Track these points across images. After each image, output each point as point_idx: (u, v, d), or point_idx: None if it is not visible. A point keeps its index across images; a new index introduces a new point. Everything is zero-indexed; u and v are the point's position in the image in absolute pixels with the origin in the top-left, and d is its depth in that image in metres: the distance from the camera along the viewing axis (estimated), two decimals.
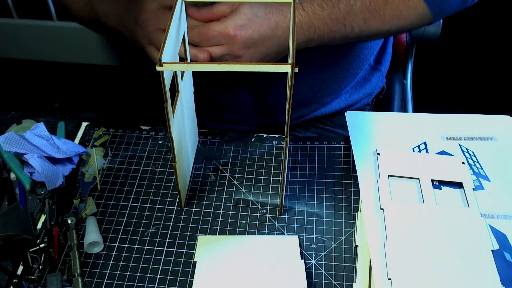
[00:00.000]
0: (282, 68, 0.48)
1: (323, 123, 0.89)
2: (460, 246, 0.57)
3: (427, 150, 0.69)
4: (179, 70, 0.59)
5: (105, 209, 0.67)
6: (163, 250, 0.62)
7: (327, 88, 0.83)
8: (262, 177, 0.70)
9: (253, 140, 0.75)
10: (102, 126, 0.77)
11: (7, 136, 0.66)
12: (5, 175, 0.70)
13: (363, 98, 0.90)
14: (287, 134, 0.55)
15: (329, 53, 0.78)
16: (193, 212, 0.66)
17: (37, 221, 0.66)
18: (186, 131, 0.66)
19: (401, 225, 0.59)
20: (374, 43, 0.85)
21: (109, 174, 0.71)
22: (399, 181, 0.65)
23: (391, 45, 0.93)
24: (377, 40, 0.86)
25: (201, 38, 0.62)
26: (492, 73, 1.93)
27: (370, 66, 0.90)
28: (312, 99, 0.84)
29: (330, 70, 0.81)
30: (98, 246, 0.62)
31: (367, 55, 0.84)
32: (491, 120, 0.73)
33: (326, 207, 0.66)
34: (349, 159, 0.71)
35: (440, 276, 0.54)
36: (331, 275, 0.60)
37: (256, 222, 0.65)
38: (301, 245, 0.62)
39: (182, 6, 0.57)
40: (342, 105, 0.88)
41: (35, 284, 0.59)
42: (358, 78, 0.88)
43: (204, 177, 0.70)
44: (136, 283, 0.60)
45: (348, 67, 0.82)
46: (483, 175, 0.66)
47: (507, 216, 0.61)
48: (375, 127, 0.72)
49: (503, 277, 0.54)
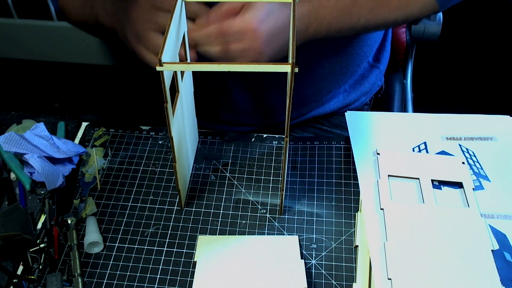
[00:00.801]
0: (282, 68, 0.48)
1: (321, 123, 0.89)
2: (460, 246, 0.57)
3: (427, 150, 0.69)
4: (179, 70, 0.59)
5: (105, 209, 0.67)
6: (163, 250, 0.62)
7: (325, 86, 0.83)
8: (262, 177, 0.70)
9: (253, 140, 0.75)
10: (102, 126, 0.77)
11: (7, 136, 0.66)
12: (5, 175, 0.70)
13: (361, 97, 0.90)
14: (287, 134, 0.55)
15: (327, 50, 0.78)
16: (193, 212, 0.66)
17: (37, 221, 0.66)
18: (186, 131, 0.66)
19: (401, 225, 0.59)
20: (373, 40, 0.85)
21: (109, 174, 0.71)
22: (399, 181, 0.65)
23: (389, 43, 0.93)
24: (376, 37, 0.86)
25: (219, 35, 0.60)
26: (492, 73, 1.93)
27: (368, 63, 0.90)
28: (311, 97, 0.84)
29: (329, 68, 0.81)
30: (98, 246, 0.62)
31: (366, 52, 0.84)
32: (491, 120, 0.73)
33: (326, 207, 0.66)
34: (349, 159, 0.71)
35: (440, 276, 0.54)
36: (331, 275, 0.60)
37: (256, 222, 0.65)
38: (301, 245, 0.62)
39: (182, 6, 0.57)
40: (340, 104, 0.88)
41: (35, 284, 0.59)
42: (356, 76, 0.88)
43: (204, 177, 0.70)
44: (136, 283, 0.60)
45: (347, 64, 0.82)
46: (483, 175, 0.66)
47: (507, 216, 0.61)
48: (375, 127, 0.72)
49: (503, 277, 0.54)
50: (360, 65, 0.85)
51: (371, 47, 0.85)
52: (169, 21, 0.52)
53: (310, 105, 0.85)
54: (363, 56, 0.84)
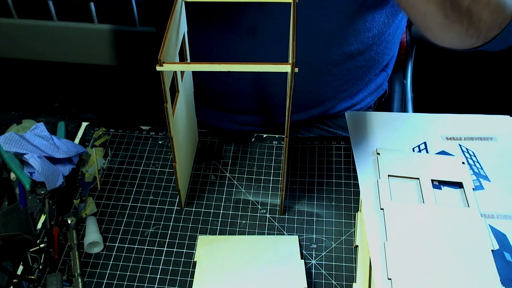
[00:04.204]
0: (282, 68, 0.48)
1: (327, 124, 0.89)
2: (460, 246, 0.57)
3: (427, 150, 0.69)
4: (179, 70, 0.59)
5: (105, 209, 0.67)
6: (163, 250, 0.62)
7: (346, 89, 0.83)
8: (262, 177, 0.70)
9: (253, 140, 0.75)
10: (102, 126, 0.77)
11: (7, 136, 0.66)
12: (5, 175, 0.70)
13: (366, 97, 0.90)
14: (287, 134, 0.55)
15: (355, 53, 0.77)
16: (193, 212, 0.66)
17: (37, 221, 0.66)
18: (186, 131, 0.66)
19: (401, 225, 0.59)
20: (396, 49, 0.85)
21: (109, 174, 0.71)
22: (399, 181, 0.65)
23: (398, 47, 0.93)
24: (395, 46, 0.86)
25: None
26: (492, 73, 1.93)
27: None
28: (331, 98, 0.84)
29: (354, 71, 0.80)
30: (98, 246, 0.62)
31: (385, 60, 0.84)
32: (491, 120, 0.73)
33: (326, 207, 0.66)
34: (349, 159, 0.71)
35: (440, 276, 0.54)
36: (331, 275, 0.60)
37: (256, 222, 0.65)
38: (301, 245, 0.62)
39: (182, 6, 0.57)
40: (347, 104, 0.88)
41: (35, 284, 0.59)
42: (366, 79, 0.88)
43: (204, 177, 0.70)
44: (136, 283, 0.60)
45: (366, 71, 0.82)
46: (483, 175, 0.66)
47: (507, 216, 0.61)
48: (375, 127, 0.72)
49: (503, 277, 0.54)
50: (376, 71, 0.85)
51: (388, 55, 0.85)
52: (169, 21, 0.52)
53: (328, 104, 0.85)
54: (381, 63, 0.84)
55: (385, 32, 0.78)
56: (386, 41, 0.80)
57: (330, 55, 0.75)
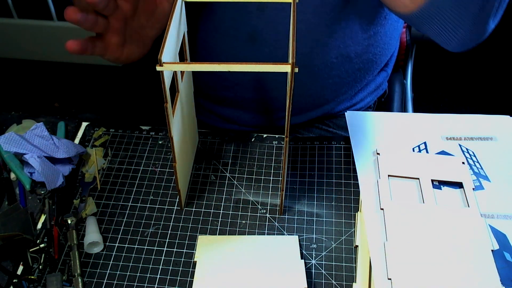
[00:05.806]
0: (282, 68, 0.48)
1: (327, 124, 0.89)
2: (460, 246, 0.57)
3: (427, 150, 0.69)
4: (179, 70, 0.59)
5: (105, 209, 0.67)
6: (163, 250, 0.62)
7: (345, 92, 0.83)
8: (262, 177, 0.70)
9: (253, 140, 0.75)
10: (102, 126, 0.77)
11: (7, 136, 0.66)
12: (5, 175, 0.70)
13: (366, 97, 0.90)
14: (287, 134, 0.55)
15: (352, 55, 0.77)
16: (193, 212, 0.66)
17: (37, 221, 0.66)
18: (186, 131, 0.66)
19: (401, 225, 0.59)
20: (394, 49, 0.85)
21: (109, 174, 0.71)
22: (399, 181, 0.65)
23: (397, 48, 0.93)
24: (394, 47, 0.86)
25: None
26: (492, 73, 1.93)
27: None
28: (330, 101, 0.84)
29: (353, 73, 0.80)
30: (98, 246, 0.62)
31: (383, 61, 0.84)
32: (491, 120, 0.73)
33: (326, 207, 0.66)
34: (349, 159, 0.71)
35: (440, 276, 0.54)
36: (331, 275, 0.60)
37: (256, 222, 0.65)
38: (301, 245, 0.62)
39: (182, 6, 0.57)
40: (347, 104, 0.88)
41: (35, 284, 0.59)
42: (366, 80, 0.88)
43: (204, 177, 0.70)
44: (136, 283, 0.60)
45: (364, 72, 0.82)
46: (483, 175, 0.66)
47: (507, 216, 0.61)
48: (375, 127, 0.72)
49: (503, 277, 0.54)
50: (374, 72, 0.85)
51: (386, 56, 0.85)
52: (169, 21, 0.52)
53: (317, 110, 0.85)
54: (379, 64, 0.84)
55: (381, 32, 0.78)
56: (382, 41, 0.80)
57: (327, 58, 0.75)
